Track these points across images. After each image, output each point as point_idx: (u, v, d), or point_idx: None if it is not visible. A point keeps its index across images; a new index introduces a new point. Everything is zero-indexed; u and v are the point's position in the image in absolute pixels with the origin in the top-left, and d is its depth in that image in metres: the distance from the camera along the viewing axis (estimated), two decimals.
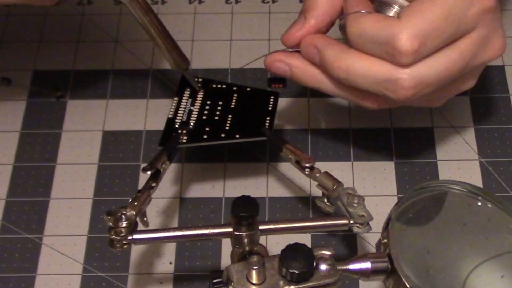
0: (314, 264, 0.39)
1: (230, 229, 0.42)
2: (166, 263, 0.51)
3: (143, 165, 0.53)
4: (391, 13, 0.47)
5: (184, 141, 0.49)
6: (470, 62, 0.45)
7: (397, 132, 0.56)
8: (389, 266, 0.40)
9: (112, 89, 0.59)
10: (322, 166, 0.48)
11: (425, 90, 0.45)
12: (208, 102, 0.52)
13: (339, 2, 0.48)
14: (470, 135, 0.56)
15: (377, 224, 0.43)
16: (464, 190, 0.44)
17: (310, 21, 0.48)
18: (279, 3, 0.64)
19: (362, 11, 0.45)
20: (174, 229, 0.44)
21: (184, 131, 0.50)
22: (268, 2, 0.64)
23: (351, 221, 0.43)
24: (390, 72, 0.44)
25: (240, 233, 0.42)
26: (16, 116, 0.57)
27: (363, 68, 0.45)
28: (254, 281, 0.39)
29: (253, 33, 0.62)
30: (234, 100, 0.52)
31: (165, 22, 0.62)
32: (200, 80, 0.53)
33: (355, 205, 0.43)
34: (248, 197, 0.42)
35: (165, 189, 0.53)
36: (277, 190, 0.54)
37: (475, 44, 0.45)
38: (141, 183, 0.53)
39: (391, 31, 0.43)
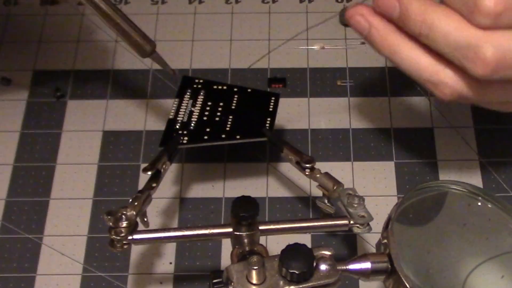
0: (314, 264, 0.39)
1: (230, 229, 0.42)
2: (166, 263, 0.51)
3: (143, 165, 0.53)
4: None
5: (185, 141, 0.49)
6: None
7: (397, 132, 0.56)
8: (389, 266, 0.40)
9: (112, 89, 0.59)
10: (322, 166, 0.48)
11: (507, 71, 0.40)
12: (209, 103, 0.52)
13: None
14: (470, 135, 0.56)
15: (377, 224, 0.43)
16: (464, 190, 0.44)
17: None
18: (279, 3, 0.64)
19: None
20: (174, 229, 0.44)
21: (185, 132, 0.50)
22: (268, 2, 0.64)
23: (351, 222, 0.43)
24: (474, 38, 0.40)
25: (240, 233, 0.42)
26: (16, 116, 0.57)
27: (449, 26, 0.40)
28: (254, 281, 0.39)
29: (253, 33, 0.62)
30: (234, 101, 0.52)
31: (165, 22, 0.63)
32: (201, 81, 0.53)
33: (355, 205, 0.43)
34: (248, 197, 0.42)
35: (165, 189, 0.53)
36: (277, 190, 0.54)
37: None
38: (141, 183, 0.53)
39: None
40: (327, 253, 0.40)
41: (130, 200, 0.43)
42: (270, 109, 0.51)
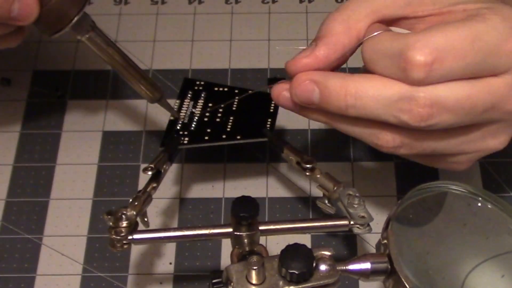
0: (314, 264, 0.39)
1: (230, 229, 0.42)
2: (166, 263, 0.51)
3: (143, 166, 0.53)
4: None
5: (186, 142, 0.49)
6: (500, 104, 0.41)
7: None
8: (389, 267, 0.40)
9: (112, 89, 0.59)
10: (322, 166, 0.48)
11: (443, 115, 0.40)
12: (210, 105, 0.52)
13: (356, 33, 0.42)
14: None
15: (377, 225, 0.43)
16: (464, 190, 0.44)
17: (320, 49, 0.42)
18: (279, 3, 0.64)
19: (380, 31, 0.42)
20: (174, 229, 0.44)
21: (186, 132, 0.50)
22: (268, 2, 0.64)
23: (352, 222, 0.43)
24: (404, 90, 0.40)
25: (240, 233, 0.42)
26: (16, 116, 0.57)
27: (375, 88, 0.40)
28: (254, 281, 0.39)
29: (253, 33, 0.62)
30: (235, 103, 0.52)
31: (165, 22, 0.63)
32: (202, 83, 0.53)
33: (356, 206, 0.43)
34: (248, 197, 0.42)
35: (165, 189, 0.53)
36: (277, 190, 0.54)
37: (507, 86, 0.40)
38: (141, 183, 0.53)
39: (405, 42, 0.39)
40: (327, 253, 0.40)
41: (130, 200, 0.43)
42: (271, 110, 0.51)
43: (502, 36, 0.40)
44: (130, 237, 0.42)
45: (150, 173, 0.45)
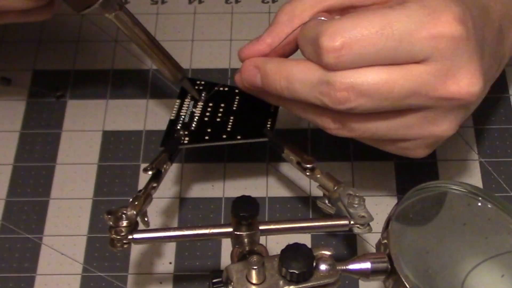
0: (314, 264, 0.39)
1: (230, 229, 0.42)
2: (166, 263, 0.51)
3: (143, 165, 0.53)
4: None
5: (186, 142, 0.49)
6: (423, 91, 0.41)
7: None
8: (389, 266, 0.40)
9: (112, 89, 0.59)
10: (322, 166, 0.48)
11: (360, 99, 0.42)
12: (210, 104, 0.52)
13: (299, 22, 0.45)
14: (470, 135, 0.56)
15: (377, 224, 0.43)
16: (464, 190, 0.44)
17: (264, 38, 0.47)
18: (279, 3, 0.64)
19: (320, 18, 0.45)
20: (174, 229, 0.44)
21: (186, 132, 0.50)
22: (268, 2, 0.64)
23: (352, 222, 0.43)
24: (323, 74, 0.42)
25: (240, 233, 0.42)
26: (16, 116, 0.57)
27: (300, 71, 0.44)
28: (254, 281, 0.39)
29: (253, 33, 0.62)
30: (236, 102, 0.52)
31: (165, 22, 0.63)
32: (203, 83, 0.53)
33: (356, 205, 0.43)
34: (248, 197, 0.42)
35: (165, 189, 0.53)
36: (277, 190, 0.54)
37: (430, 74, 0.41)
38: (141, 183, 0.53)
39: (320, 29, 0.42)
40: (327, 253, 0.40)
41: (131, 200, 0.43)
42: (272, 110, 0.51)
43: (416, 23, 0.41)
44: (130, 237, 0.42)
45: (150, 173, 0.45)
